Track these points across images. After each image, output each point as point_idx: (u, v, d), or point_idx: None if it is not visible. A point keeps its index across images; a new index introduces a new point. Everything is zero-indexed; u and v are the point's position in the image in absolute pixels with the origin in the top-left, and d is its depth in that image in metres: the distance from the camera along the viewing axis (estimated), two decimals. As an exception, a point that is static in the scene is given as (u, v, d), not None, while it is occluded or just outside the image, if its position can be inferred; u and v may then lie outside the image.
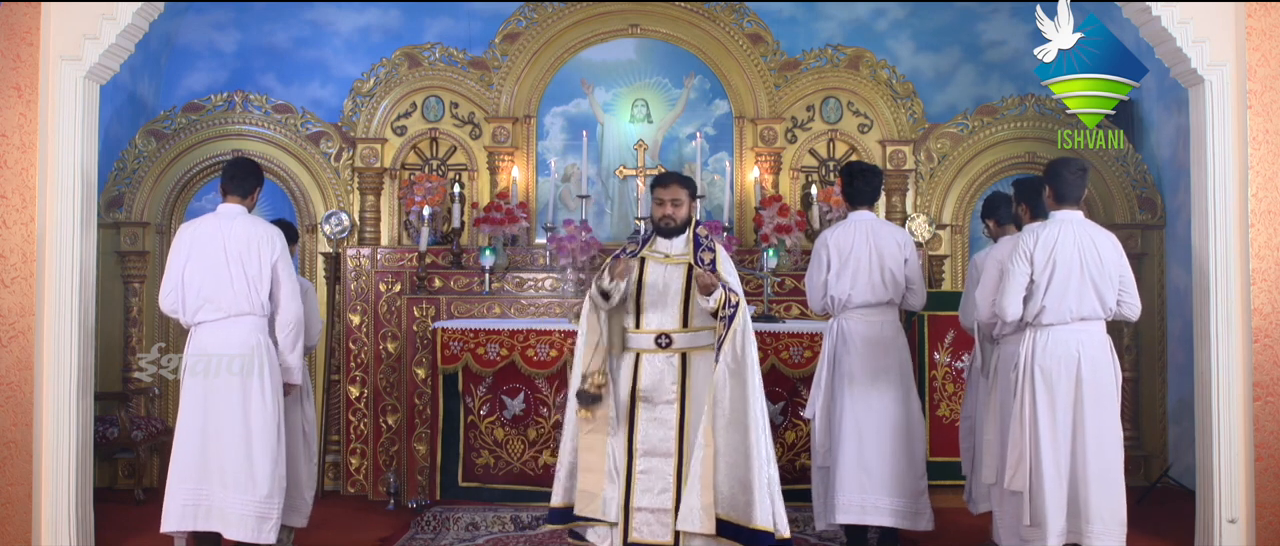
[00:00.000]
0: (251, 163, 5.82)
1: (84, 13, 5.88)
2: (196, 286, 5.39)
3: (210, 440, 5.34)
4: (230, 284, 5.36)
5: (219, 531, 5.39)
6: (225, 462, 5.33)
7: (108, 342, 7.83)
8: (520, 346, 7.07)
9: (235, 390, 5.34)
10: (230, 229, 5.42)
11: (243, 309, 5.39)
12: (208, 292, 5.37)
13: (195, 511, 5.35)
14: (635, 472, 5.29)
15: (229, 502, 5.32)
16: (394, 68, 8.26)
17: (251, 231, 5.43)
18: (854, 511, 5.84)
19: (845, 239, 5.96)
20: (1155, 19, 5.87)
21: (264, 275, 5.41)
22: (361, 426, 7.87)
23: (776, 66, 8.29)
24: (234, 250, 5.37)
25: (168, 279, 5.48)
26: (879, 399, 5.89)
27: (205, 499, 5.34)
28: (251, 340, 5.40)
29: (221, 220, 5.48)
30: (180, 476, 5.36)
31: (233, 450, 5.32)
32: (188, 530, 5.42)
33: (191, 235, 5.47)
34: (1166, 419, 8.15)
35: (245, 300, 5.38)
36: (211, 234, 5.43)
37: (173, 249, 5.51)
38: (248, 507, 5.32)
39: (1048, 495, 5.10)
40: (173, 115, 8.21)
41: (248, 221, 5.48)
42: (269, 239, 5.46)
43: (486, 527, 6.70)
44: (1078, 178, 5.26)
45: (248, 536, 5.34)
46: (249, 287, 5.38)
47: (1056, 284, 5.12)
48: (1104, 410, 5.16)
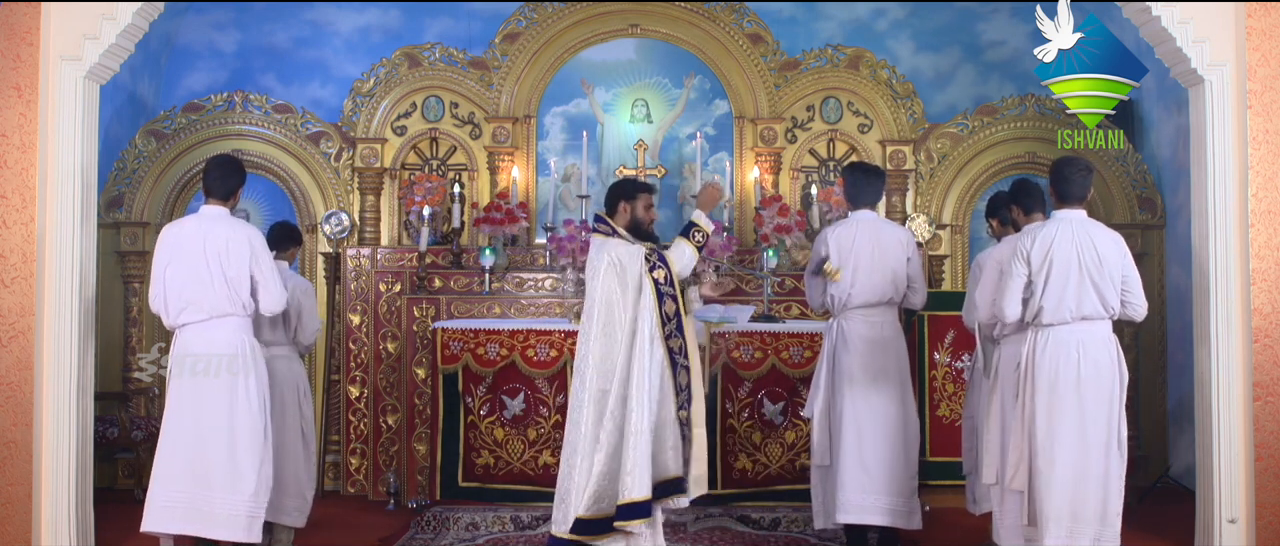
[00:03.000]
0: (233, 161, 5.78)
1: (84, 13, 5.87)
2: (178, 288, 5.39)
3: (197, 441, 5.35)
4: (211, 286, 5.37)
5: (204, 534, 5.40)
6: (211, 463, 5.33)
7: (108, 342, 7.83)
8: (520, 346, 7.07)
9: (221, 391, 5.35)
10: (210, 231, 5.42)
11: (225, 310, 5.40)
12: (190, 295, 5.38)
13: (176, 512, 5.35)
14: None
15: (215, 502, 5.33)
16: (394, 68, 8.26)
17: (231, 234, 5.43)
18: (855, 511, 5.85)
19: (846, 237, 5.96)
20: (1155, 19, 5.86)
21: (243, 278, 5.41)
22: (361, 426, 7.87)
23: (776, 66, 8.29)
24: (213, 252, 5.37)
25: (153, 282, 5.50)
26: (879, 398, 5.89)
27: (188, 500, 5.34)
28: (236, 340, 5.41)
29: (202, 221, 5.49)
30: (163, 477, 5.37)
31: (218, 450, 5.33)
32: (168, 532, 5.43)
33: (174, 236, 5.48)
34: (1166, 419, 8.16)
35: (226, 302, 5.39)
36: (192, 235, 5.43)
37: (156, 252, 5.52)
38: (236, 507, 5.33)
39: (1046, 495, 5.10)
40: (173, 115, 8.21)
41: (228, 224, 5.48)
42: (245, 241, 5.44)
43: (486, 527, 6.70)
44: (1081, 177, 5.25)
45: (237, 535, 5.35)
46: (230, 290, 5.39)
47: (1054, 283, 5.11)
48: (1106, 410, 5.14)
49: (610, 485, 5.39)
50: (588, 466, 5.42)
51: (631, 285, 5.48)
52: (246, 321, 5.48)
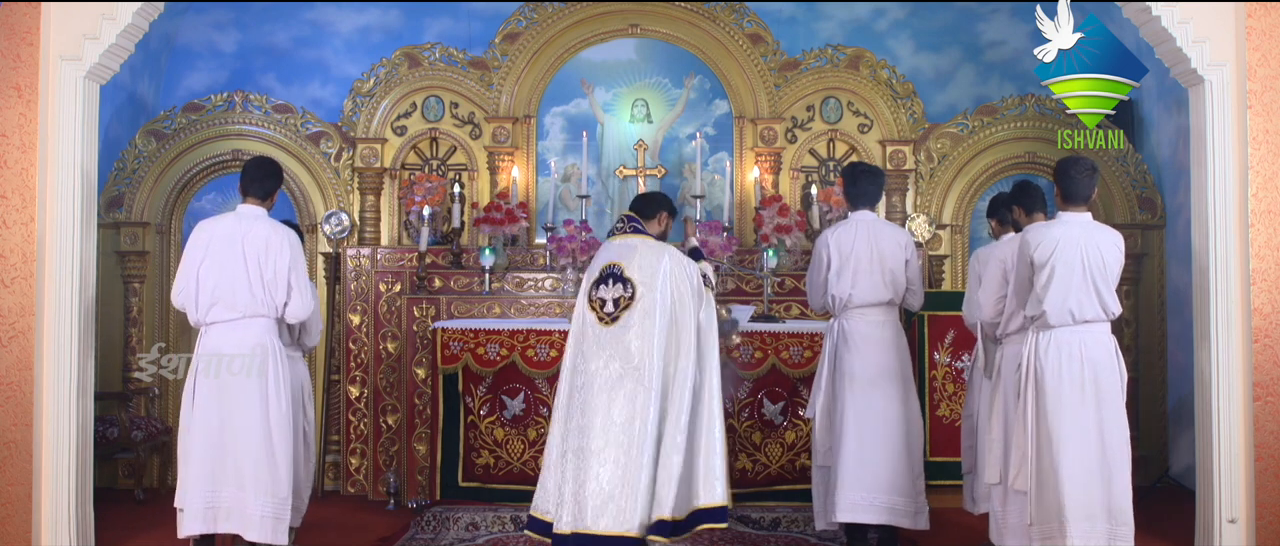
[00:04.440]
0: (272, 163, 5.76)
1: (84, 13, 5.88)
2: (211, 286, 5.36)
3: (227, 441, 5.32)
4: (247, 286, 5.34)
5: (238, 533, 5.38)
6: (244, 464, 5.31)
7: (108, 342, 7.83)
8: (520, 346, 7.07)
9: (253, 391, 5.33)
10: (249, 230, 5.39)
11: (257, 310, 5.38)
12: (222, 293, 5.35)
13: (215, 514, 5.34)
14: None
15: (248, 504, 5.31)
16: (394, 68, 8.26)
17: (271, 235, 5.40)
18: (855, 510, 5.85)
19: (846, 238, 5.96)
20: (1155, 19, 5.87)
21: (280, 279, 5.39)
22: (361, 426, 7.87)
23: (776, 66, 8.29)
24: (252, 252, 5.35)
25: (182, 274, 5.44)
26: (880, 398, 5.89)
27: (222, 500, 5.32)
28: (264, 341, 5.39)
29: (241, 221, 5.45)
30: (196, 479, 5.33)
31: (253, 451, 5.31)
32: (208, 532, 5.41)
33: (210, 234, 5.43)
34: (1166, 419, 8.16)
35: (261, 302, 5.37)
36: (230, 234, 5.39)
37: (189, 245, 5.47)
38: (267, 508, 5.32)
39: (1055, 496, 5.09)
40: (173, 115, 8.21)
41: (268, 225, 5.45)
42: (287, 243, 5.43)
43: (486, 527, 6.71)
44: (1086, 177, 5.24)
45: (266, 537, 5.34)
46: (265, 291, 5.37)
47: (1057, 285, 5.11)
48: (1108, 411, 5.14)
49: (685, 488, 5.34)
50: (643, 467, 5.27)
51: (692, 289, 5.51)
52: (273, 324, 5.45)
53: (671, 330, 5.44)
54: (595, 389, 5.41)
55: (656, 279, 5.47)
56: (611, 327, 5.46)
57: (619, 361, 5.41)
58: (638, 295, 5.47)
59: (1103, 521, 5.10)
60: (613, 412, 5.37)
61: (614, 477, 5.29)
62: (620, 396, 5.38)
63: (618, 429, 5.35)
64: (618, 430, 5.34)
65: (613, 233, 5.80)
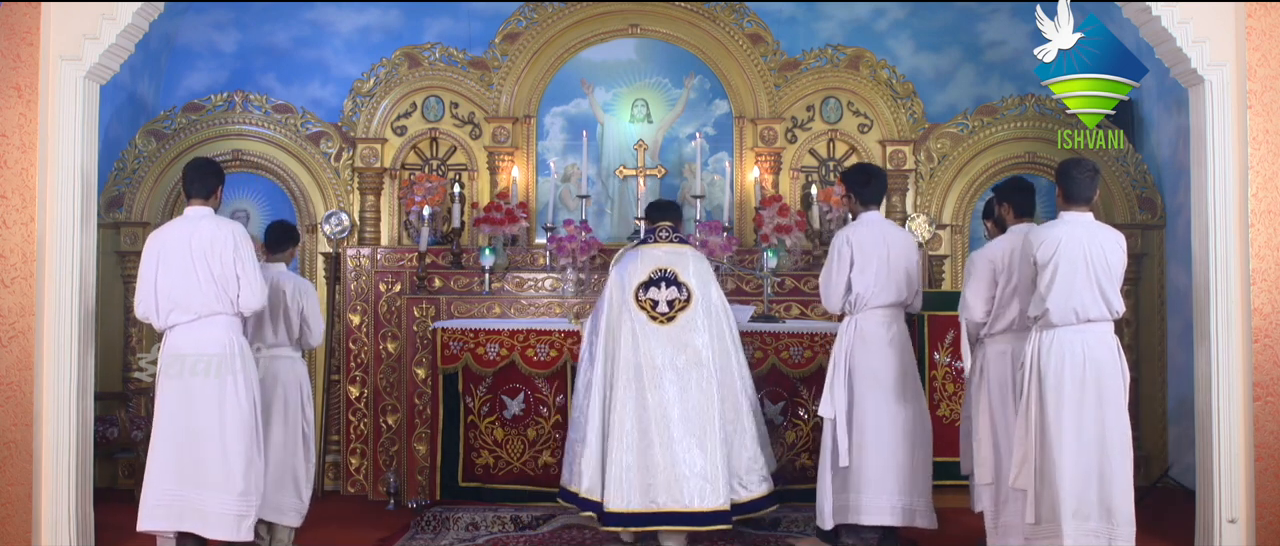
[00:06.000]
0: (210, 162, 5.79)
1: (84, 13, 5.88)
2: (166, 291, 5.38)
3: (188, 440, 5.35)
4: (198, 285, 5.36)
5: (198, 532, 5.40)
6: (202, 462, 5.33)
7: (108, 343, 7.84)
8: (520, 346, 7.07)
9: (211, 390, 5.34)
10: (195, 230, 5.42)
11: (213, 309, 5.39)
12: (177, 296, 5.37)
13: (170, 511, 5.35)
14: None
15: (207, 502, 5.33)
16: (394, 68, 8.26)
17: (216, 231, 5.42)
18: (878, 513, 5.80)
19: (865, 237, 5.92)
20: (1155, 19, 5.87)
21: (229, 273, 5.40)
22: (361, 426, 7.87)
23: (776, 66, 8.29)
24: (199, 251, 5.36)
25: (141, 285, 5.48)
26: (897, 399, 5.87)
27: (181, 499, 5.34)
28: (225, 339, 5.40)
29: (187, 223, 5.48)
30: (155, 476, 5.37)
31: (209, 449, 5.33)
32: (164, 530, 5.43)
33: (160, 241, 5.47)
34: (1166, 419, 8.16)
35: (214, 300, 5.38)
36: (178, 238, 5.42)
37: (143, 257, 5.50)
38: (226, 505, 5.33)
39: (1057, 495, 5.09)
40: (173, 115, 8.21)
41: (213, 222, 5.47)
42: (229, 236, 5.43)
43: (486, 527, 6.70)
44: (1088, 179, 5.25)
45: (227, 534, 5.36)
46: (217, 287, 5.38)
47: (1061, 284, 5.11)
48: (1111, 411, 5.15)
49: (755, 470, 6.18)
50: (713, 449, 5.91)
51: (718, 288, 6.25)
52: (235, 321, 5.47)
53: (717, 326, 6.12)
54: (665, 380, 5.96)
55: (708, 285, 6.17)
56: (668, 326, 6.04)
57: (684, 355, 6.00)
58: (694, 298, 6.10)
59: (1102, 521, 5.10)
60: (688, 400, 5.94)
61: (703, 459, 5.90)
62: (693, 385, 5.97)
63: (697, 414, 5.94)
64: (697, 416, 5.94)
65: (649, 238, 6.26)
